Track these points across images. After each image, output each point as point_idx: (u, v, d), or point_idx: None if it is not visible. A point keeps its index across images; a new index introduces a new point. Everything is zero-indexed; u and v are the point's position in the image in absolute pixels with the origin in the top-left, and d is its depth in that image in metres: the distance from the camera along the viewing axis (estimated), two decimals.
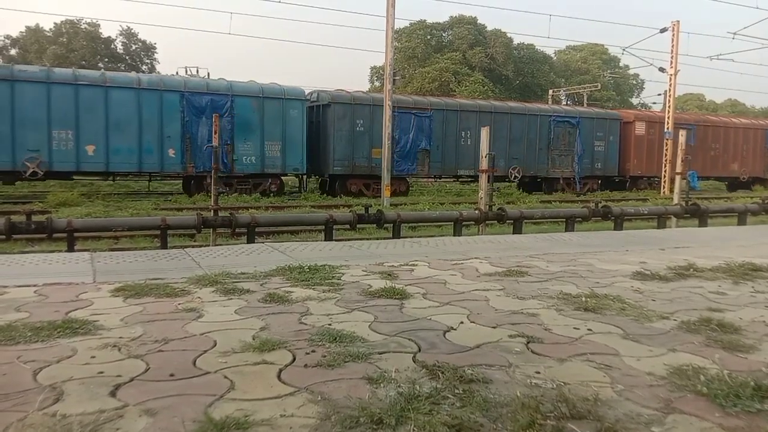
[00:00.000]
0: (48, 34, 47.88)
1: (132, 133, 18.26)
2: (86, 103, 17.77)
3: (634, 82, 66.62)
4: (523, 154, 24.78)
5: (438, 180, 27.59)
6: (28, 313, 3.50)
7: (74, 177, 20.26)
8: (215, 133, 9.65)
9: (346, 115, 21.29)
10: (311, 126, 21.52)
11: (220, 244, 9.15)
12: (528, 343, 3.06)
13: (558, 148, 25.59)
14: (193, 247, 8.73)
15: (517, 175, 24.63)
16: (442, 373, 2.54)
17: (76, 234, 8.83)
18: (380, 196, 19.66)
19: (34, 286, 4.21)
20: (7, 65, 18.61)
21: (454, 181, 27.73)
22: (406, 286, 4.36)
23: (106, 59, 48.46)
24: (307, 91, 22.04)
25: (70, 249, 8.47)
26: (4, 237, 8.44)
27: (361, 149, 21.56)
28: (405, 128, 22.18)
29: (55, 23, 48.31)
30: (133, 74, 19.63)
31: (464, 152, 23.25)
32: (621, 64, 62.00)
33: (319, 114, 21.78)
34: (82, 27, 47.81)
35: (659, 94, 46.43)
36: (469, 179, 24.92)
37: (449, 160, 23.33)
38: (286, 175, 21.76)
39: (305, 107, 21.07)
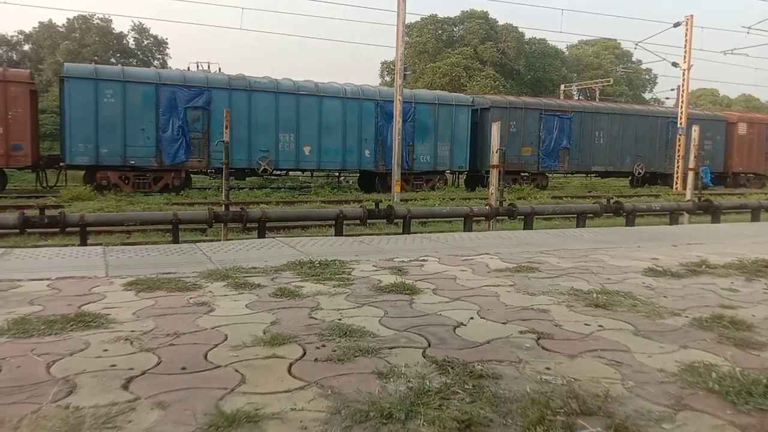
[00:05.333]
0: (61, 30, 48.08)
1: (338, 136, 21.21)
2: (305, 110, 20.69)
3: (647, 77, 66.02)
4: (646, 152, 27.55)
5: (573, 175, 30.36)
6: (41, 306, 3.54)
7: (291, 173, 24.19)
8: (226, 128, 9.66)
9: (502, 117, 23.43)
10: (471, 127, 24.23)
11: (231, 239, 9.19)
12: (538, 339, 3.05)
13: (674, 147, 27.82)
14: (204, 241, 8.79)
15: (641, 171, 27.37)
16: (452, 368, 2.54)
17: (88, 228, 8.90)
18: (530, 188, 22.74)
19: (48, 279, 4.26)
20: (243, 77, 20.45)
21: (585, 176, 30.87)
22: (416, 281, 4.36)
23: (118, 54, 48.64)
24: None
25: (83, 243, 8.54)
26: (17, 231, 8.53)
27: (512, 147, 23.63)
28: (549, 129, 24.91)
29: (67, 19, 48.54)
30: (339, 85, 21.97)
31: (597, 150, 26.29)
32: (633, 59, 61.48)
33: (477, 116, 24.21)
34: (95, 22, 48.00)
35: (672, 89, 46.09)
36: (596, 175, 28.96)
37: (585, 157, 26.17)
38: (447, 171, 24.56)
39: (470, 111, 23.75)
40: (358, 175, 24.31)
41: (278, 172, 23.71)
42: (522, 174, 24.93)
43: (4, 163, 18.06)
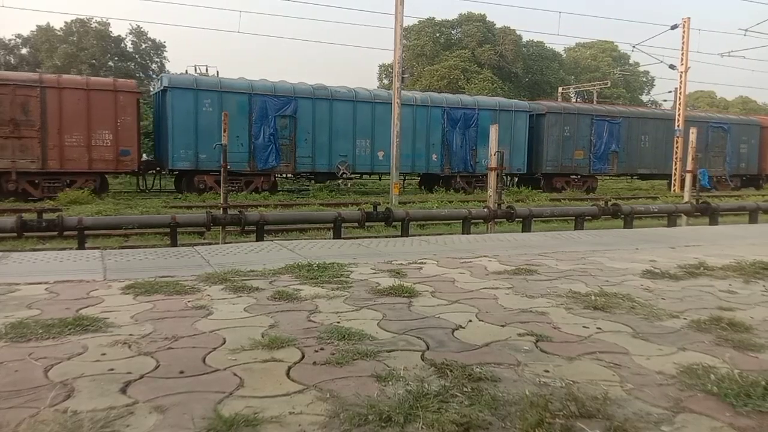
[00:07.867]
0: (59, 34, 48.01)
1: (408, 141, 21.89)
2: (379, 118, 21.77)
3: (644, 79, 66.10)
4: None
5: (620, 177, 31.46)
6: (39, 310, 3.53)
7: (364, 176, 25.33)
8: (224, 131, 9.66)
9: (558, 123, 25.19)
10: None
11: (230, 242, 9.16)
12: (537, 341, 3.05)
13: (713, 150, 29.20)
14: (202, 244, 8.77)
15: (683, 173, 27.14)
16: (451, 371, 2.54)
17: (86, 232, 8.89)
18: (581, 190, 23.81)
19: (46, 283, 4.25)
20: (325, 87, 21.38)
21: (629, 179, 32.07)
22: (414, 284, 4.36)
23: (116, 58, 48.62)
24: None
25: (81, 247, 8.53)
26: (15, 234, 8.52)
27: (567, 151, 25.36)
28: (600, 133, 26.07)
29: (65, 22, 48.46)
30: (410, 93, 23.08)
31: (643, 153, 27.40)
32: (631, 61, 61.61)
33: (533, 121, 25.29)
34: (92, 26, 47.95)
35: (670, 92, 46.11)
36: (638, 177, 29.86)
37: (632, 160, 27.28)
38: (505, 173, 25.14)
39: (528, 117, 24.89)
40: (419, 177, 25.56)
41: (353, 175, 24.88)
42: (572, 176, 25.65)
43: (113, 167, 18.63)
